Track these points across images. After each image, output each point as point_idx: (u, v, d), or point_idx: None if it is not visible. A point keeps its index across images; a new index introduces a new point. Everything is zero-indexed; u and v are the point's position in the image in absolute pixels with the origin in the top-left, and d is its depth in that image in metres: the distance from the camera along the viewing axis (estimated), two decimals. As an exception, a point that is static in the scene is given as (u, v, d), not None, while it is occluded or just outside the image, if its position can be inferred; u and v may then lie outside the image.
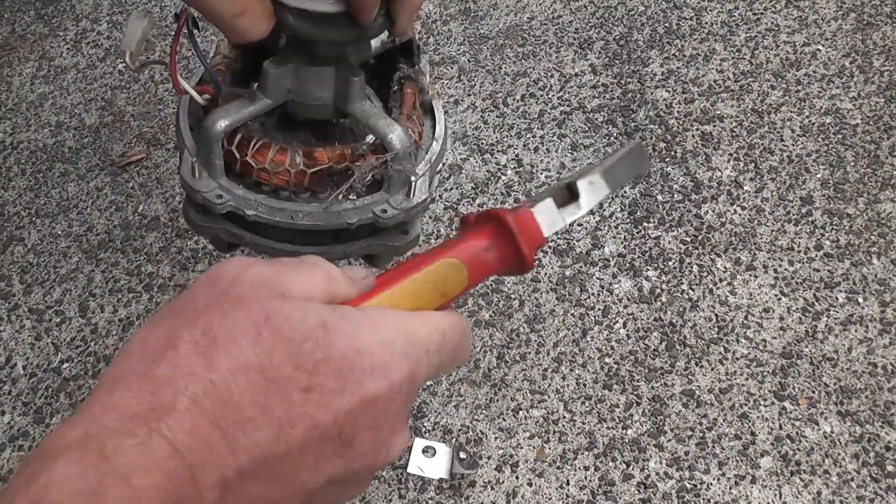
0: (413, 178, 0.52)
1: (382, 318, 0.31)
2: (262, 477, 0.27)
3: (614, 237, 0.90)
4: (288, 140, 0.55)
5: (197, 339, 0.28)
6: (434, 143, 0.57)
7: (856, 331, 0.81)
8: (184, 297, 0.30)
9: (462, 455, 0.73)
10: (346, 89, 0.52)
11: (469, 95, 1.07)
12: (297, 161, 0.52)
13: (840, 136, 0.98)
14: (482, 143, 1.01)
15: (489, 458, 0.74)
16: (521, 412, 0.77)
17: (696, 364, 0.79)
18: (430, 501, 0.72)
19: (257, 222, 0.54)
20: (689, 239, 0.89)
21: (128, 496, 0.24)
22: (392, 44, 0.57)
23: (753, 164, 0.96)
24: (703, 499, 0.71)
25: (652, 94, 1.05)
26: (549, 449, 0.74)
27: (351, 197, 0.53)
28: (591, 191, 0.41)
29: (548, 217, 0.39)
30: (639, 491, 0.71)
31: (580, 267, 0.87)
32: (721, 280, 0.85)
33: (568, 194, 0.41)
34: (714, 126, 1.00)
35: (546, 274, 0.87)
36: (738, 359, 0.79)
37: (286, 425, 0.27)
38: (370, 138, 0.55)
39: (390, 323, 0.31)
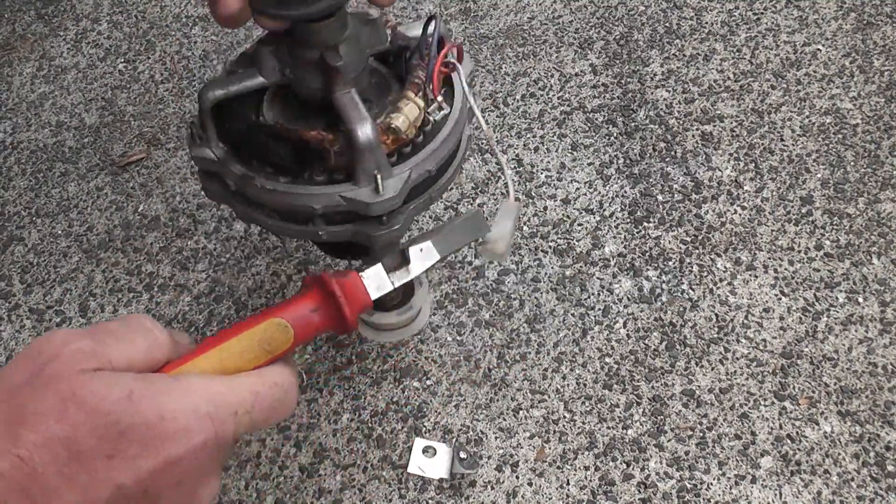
0: (376, 173, 0.52)
1: (191, 384, 0.34)
2: None
3: (614, 237, 0.90)
4: (310, 124, 0.56)
5: (5, 416, 0.30)
6: (427, 146, 0.56)
7: (856, 331, 0.81)
8: (3, 371, 0.33)
9: (462, 455, 0.73)
10: (327, 75, 0.52)
11: (469, 95, 1.07)
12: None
13: (840, 136, 0.98)
14: (482, 143, 1.01)
15: (489, 457, 0.74)
16: (521, 412, 0.77)
17: (697, 364, 0.79)
18: (430, 501, 0.72)
19: (243, 196, 0.57)
20: (689, 239, 0.89)
21: None
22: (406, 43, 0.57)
23: (753, 164, 0.96)
24: (704, 499, 0.71)
25: (652, 93, 1.05)
26: (550, 449, 0.74)
27: (318, 179, 0.54)
28: (421, 257, 0.45)
29: (375, 281, 0.44)
30: (639, 491, 0.71)
31: (580, 267, 0.87)
32: (721, 280, 0.85)
33: (400, 259, 0.45)
34: (714, 126, 1.00)
35: (546, 274, 0.87)
36: (738, 359, 0.79)
37: (91, 491, 0.30)
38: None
39: (199, 388, 0.34)
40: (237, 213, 0.60)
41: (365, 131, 0.51)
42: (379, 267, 0.44)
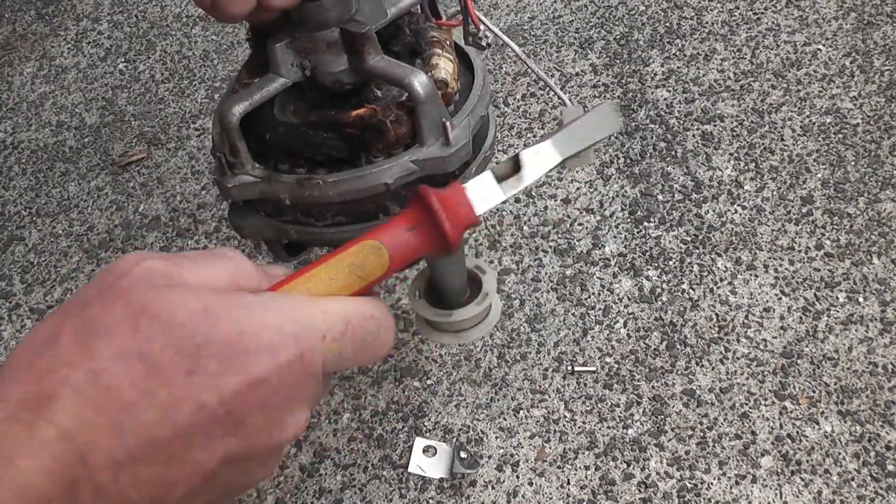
0: (445, 121, 0.49)
1: (275, 302, 0.32)
2: (154, 458, 0.28)
3: (615, 237, 0.90)
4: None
5: (77, 330, 0.29)
6: (475, 85, 0.53)
7: (856, 330, 0.81)
8: (77, 293, 0.31)
9: (463, 454, 0.73)
10: (355, 47, 0.50)
11: (469, 95, 1.07)
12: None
13: (840, 136, 0.98)
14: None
15: (490, 457, 0.74)
16: (521, 412, 0.77)
17: (697, 363, 0.79)
18: (430, 501, 0.72)
19: (297, 209, 0.52)
20: (689, 238, 0.89)
21: (13, 476, 0.26)
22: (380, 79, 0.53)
23: (754, 164, 0.96)
24: (704, 498, 0.71)
25: (652, 93, 1.05)
26: (550, 448, 0.74)
27: (378, 159, 0.50)
28: (536, 161, 0.39)
29: (483, 192, 0.37)
30: (639, 490, 0.71)
31: (581, 266, 0.87)
32: (721, 279, 0.85)
33: (512, 167, 0.39)
34: (714, 126, 1.00)
35: (547, 273, 0.87)
36: (738, 358, 0.79)
37: (171, 408, 0.28)
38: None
39: (283, 306, 0.31)
40: (292, 237, 0.55)
41: (421, 81, 0.48)
42: (487, 174, 0.38)
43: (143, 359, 0.28)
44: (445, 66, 0.53)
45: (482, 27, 0.54)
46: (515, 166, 0.39)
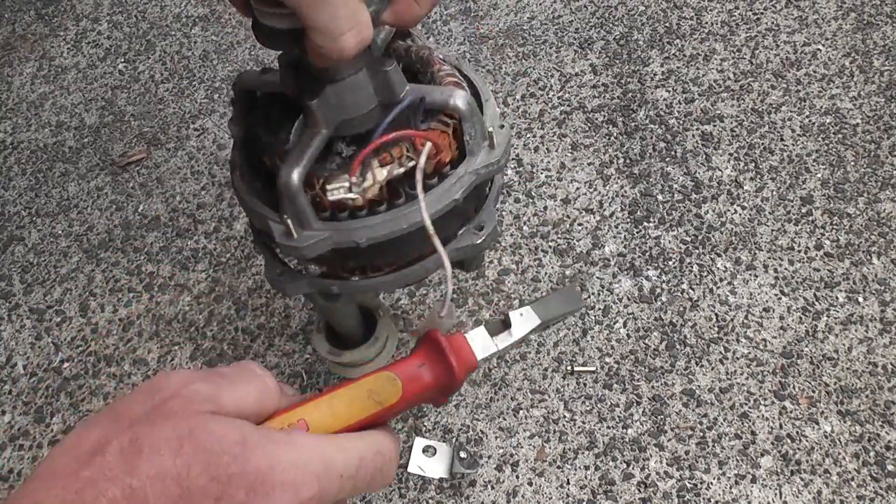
0: (286, 218, 0.51)
1: (303, 440, 0.35)
2: None
3: (614, 237, 0.90)
4: (340, 164, 0.55)
5: (124, 446, 0.31)
6: (367, 219, 0.55)
7: (856, 330, 0.81)
8: (122, 403, 0.34)
9: (462, 454, 0.73)
10: (386, 81, 0.52)
11: (469, 95, 1.07)
12: (377, 173, 0.52)
13: (840, 136, 0.98)
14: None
15: (489, 457, 0.74)
16: (521, 412, 0.77)
17: (697, 363, 0.79)
18: (430, 501, 0.72)
19: (355, 261, 0.56)
20: (689, 238, 0.89)
21: None
22: (421, 103, 0.54)
23: (754, 164, 0.96)
24: (704, 498, 0.71)
25: (652, 93, 1.05)
26: (550, 448, 0.74)
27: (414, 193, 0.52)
28: (522, 321, 0.47)
29: (480, 342, 0.45)
30: (639, 490, 0.71)
31: (580, 266, 0.87)
32: (721, 280, 0.85)
33: (502, 325, 0.47)
34: (714, 126, 1.00)
35: (546, 273, 0.87)
36: (738, 358, 0.79)
37: None
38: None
39: (309, 445, 0.34)
40: (334, 292, 0.59)
41: (463, 98, 0.51)
42: (482, 329, 0.46)
43: (180, 482, 0.30)
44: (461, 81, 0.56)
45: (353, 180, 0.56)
46: (505, 324, 0.47)
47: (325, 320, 0.72)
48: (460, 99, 0.52)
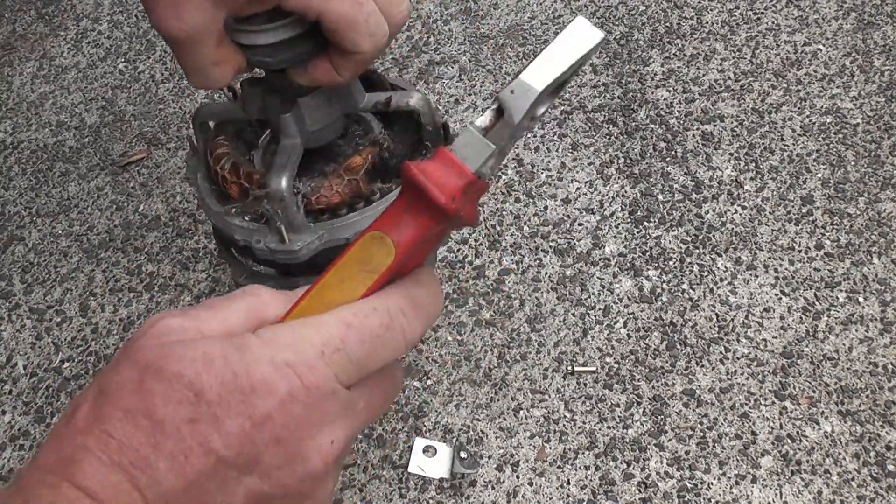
0: (279, 225, 0.55)
1: (274, 334, 0.32)
2: None
3: (615, 237, 0.90)
4: (310, 175, 0.60)
5: (94, 396, 0.31)
6: (349, 215, 0.59)
7: (856, 330, 0.81)
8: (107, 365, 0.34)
9: (463, 454, 0.73)
10: (349, 92, 0.57)
11: (470, 95, 1.07)
12: (349, 174, 0.57)
13: (841, 136, 0.98)
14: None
15: (490, 457, 0.74)
16: (521, 412, 0.77)
17: (697, 363, 0.79)
18: (430, 501, 0.72)
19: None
20: (689, 238, 0.89)
21: None
22: (385, 107, 0.60)
23: (754, 164, 0.96)
24: (704, 498, 0.71)
25: (652, 93, 1.05)
26: (550, 448, 0.74)
27: (244, 217, 0.58)
28: (515, 98, 0.36)
29: (470, 149, 0.34)
30: (639, 490, 0.71)
31: (581, 266, 0.87)
32: (721, 279, 0.85)
33: (495, 113, 0.36)
34: (714, 125, 1.00)
35: (547, 273, 0.87)
36: (738, 358, 0.79)
37: (180, 458, 0.29)
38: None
39: (277, 337, 0.31)
40: None
41: (417, 98, 0.59)
42: (468, 129, 0.35)
43: (148, 415, 0.29)
44: (348, 184, 0.59)
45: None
46: (498, 112, 0.36)
47: None
48: (415, 97, 0.58)
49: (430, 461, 0.74)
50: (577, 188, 0.95)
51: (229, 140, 0.61)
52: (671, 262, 0.87)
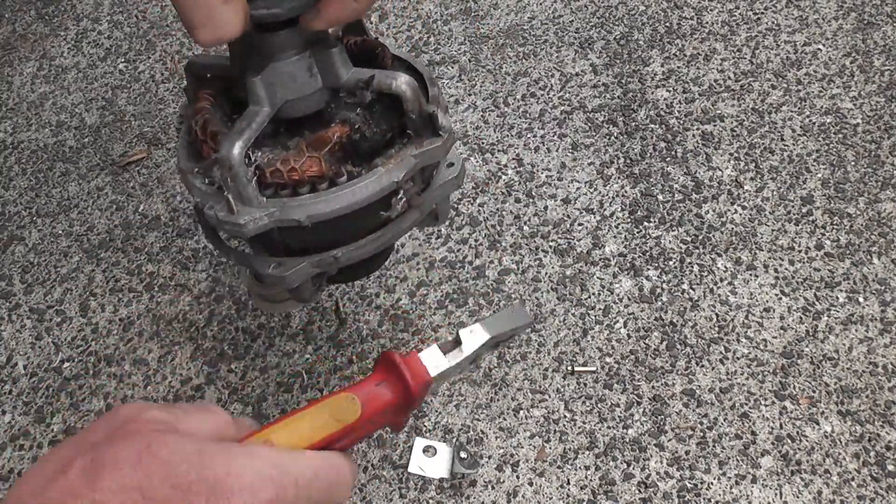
0: (226, 194, 0.52)
1: (258, 450, 0.36)
2: None
3: (615, 237, 0.90)
4: (273, 147, 0.56)
5: (86, 465, 0.32)
6: (308, 195, 0.55)
7: (856, 330, 0.81)
8: (84, 432, 0.35)
9: (463, 454, 0.73)
10: (330, 63, 0.53)
11: (469, 95, 1.07)
12: (306, 151, 0.53)
13: (841, 136, 0.98)
14: (482, 143, 1.01)
15: (490, 457, 0.74)
16: (521, 412, 0.77)
17: (697, 363, 0.79)
18: (430, 501, 0.72)
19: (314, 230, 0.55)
20: (689, 238, 0.89)
21: None
22: (365, 87, 0.56)
23: (754, 164, 0.96)
24: (704, 498, 0.71)
25: (652, 93, 1.05)
26: (550, 448, 0.74)
27: (203, 180, 0.54)
28: (471, 338, 0.50)
29: (433, 360, 0.47)
30: (639, 490, 0.71)
31: (581, 266, 0.87)
32: (722, 280, 0.85)
33: (453, 344, 0.49)
34: (715, 125, 1.00)
35: (547, 273, 0.87)
36: (738, 358, 0.79)
37: None
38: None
39: (264, 454, 0.36)
40: (332, 267, 0.59)
41: (405, 81, 0.53)
42: (435, 348, 0.48)
43: (142, 492, 0.32)
44: (317, 161, 0.54)
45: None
46: (456, 342, 0.49)
47: None
48: (402, 80, 0.53)
49: (430, 461, 0.74)
50: (577, 188, 0.95)
51: (215, 96, 0.57)
52: (671, 262, 0.87)
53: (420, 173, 0.58)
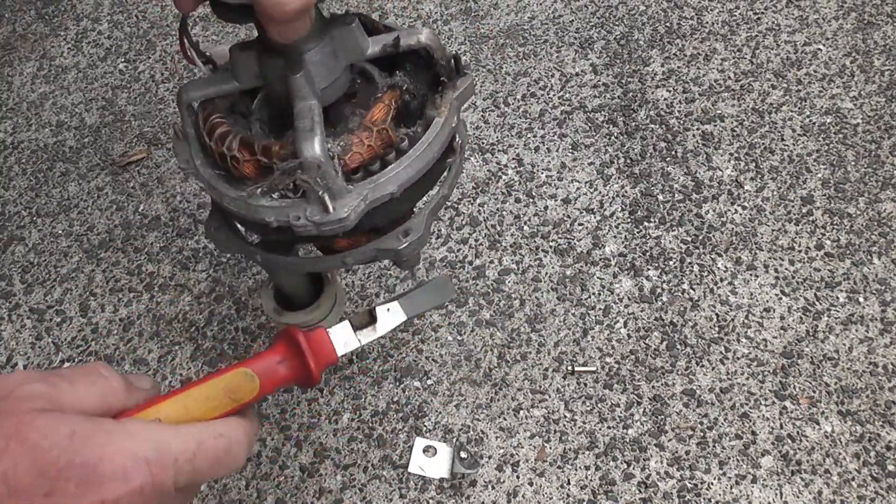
0: (322, 195, 0.50)
1: (136, 428, 0.35)
2: None
3: (615, 237, 0.90)
4: (278, 135, 0.55)
5: None
6: (387, 169, 0.53)
7: (856, 330, 0.81)
8: None
9: (463, 454, 0.73)
10: (353, 38, 0.52)
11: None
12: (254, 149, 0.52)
13: (841, 136, 0.98)
14: (483, 143, 1.01)
15: (490, 457, 0.74)
16: (521, 412, 0.77)
17: (697, 363, 0.79)
18: (430, 501, 0.72)
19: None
20: (689, 238, 0.89)
21: None
22: (394, 49, 0.55)
23: (754, 164, 0.96)
24: (704, 498, 0.71)
25: (653, 93, 1.05)
26: (550, 448, 0.74)
27: (272, 196, 0.52)
28: (388, 317, 0.47)
29: (342, 337, 0.45)
30: (640, 490, 0.71)
31: (581, 266, 0.87)
32: (722, 280, 0.85)
33: (368, 318, 0.47)
34: (715, 125, 1.00)
35: (547, 273, 0.87)
36: (738, 358, 0.79)
37: None
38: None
39: (142, 433, 0.35)
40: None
41: (310, 149, 0.49)
42: (346, 324, 0.46)
43: (6, 481, 0.31)
44: (377, 136, 0.53)
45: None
46: (371, 318, 0.47)
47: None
48: (425, 33, 0.53)
49: (431, 461, 0.74)
50: (578, 188, 0.95)
51: (225, 116, 0.55)
52: (671, 262, 0.87)
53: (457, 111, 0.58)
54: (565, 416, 0.76)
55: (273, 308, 0.71)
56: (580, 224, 0.91)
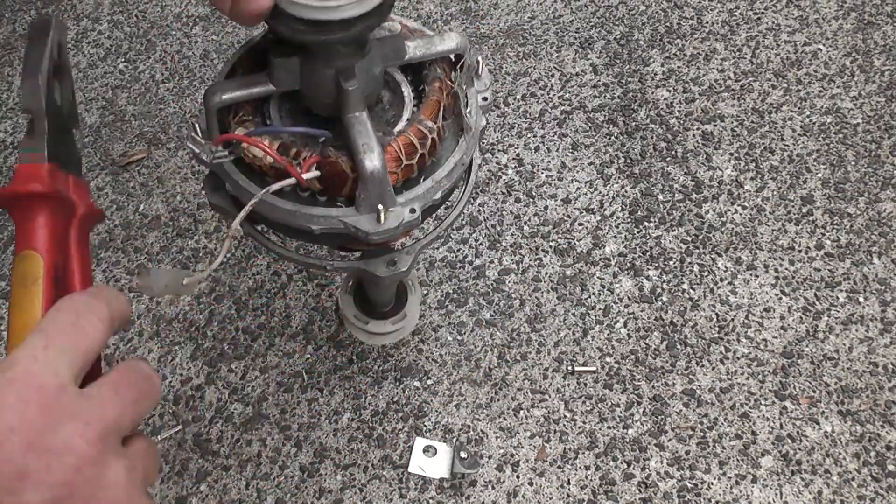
0: (380, 207, 0.49)
1: None
2: None
3: (615, 237, 0.90)
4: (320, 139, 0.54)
5: None
6: (434, 174, 0.52)
7: (856, 330, 0.81)
8: None
9: (463, 454, 0.73)
10: (395, 43, 0.51)
11: (470, 95, 1.07)
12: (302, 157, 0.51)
13: (841, 136, 0.98)
14: (483, 143, 1.01)
15: (490, 457, 0.74)
16: (521, 412, 0.77)
17: (697, 363, 0.79)
18: (430, 501, 0.72)
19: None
20: (689, 238, 0.89)
21: None
22: (438, 55, 0.55)
23: (754, 164, 0.96)
24: (704, 498, 0.71)
25: (653, 93, 1.05)
26: (550, 448, 0.74)
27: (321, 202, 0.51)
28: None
29: (29, 155, 0.40)
30: (640, 490, 0.71)
31: (581, 266, 0.87)
32: (722, 279, 0.85)
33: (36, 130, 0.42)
34: (715, 125, 1.00)
35: (547, 273, 0.87)
36: (738, 358, 0.79)
37: None
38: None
39: (2, 365, 0.33)
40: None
41: (371, 161, 0.48)
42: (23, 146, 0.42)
43: None
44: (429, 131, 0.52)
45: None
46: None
47: (357, 283, 0.71)
48: (458, 38, 0.54)
49: (431, 461, 0.74)
50: (578, 188, 0.95)
51: (253, 115, 0.53)
52: (671, 262, 0.87)
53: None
54: (565, 416, 0.76)
55: (354, 314, 0.70)
56: (580, 224, 0.91)
